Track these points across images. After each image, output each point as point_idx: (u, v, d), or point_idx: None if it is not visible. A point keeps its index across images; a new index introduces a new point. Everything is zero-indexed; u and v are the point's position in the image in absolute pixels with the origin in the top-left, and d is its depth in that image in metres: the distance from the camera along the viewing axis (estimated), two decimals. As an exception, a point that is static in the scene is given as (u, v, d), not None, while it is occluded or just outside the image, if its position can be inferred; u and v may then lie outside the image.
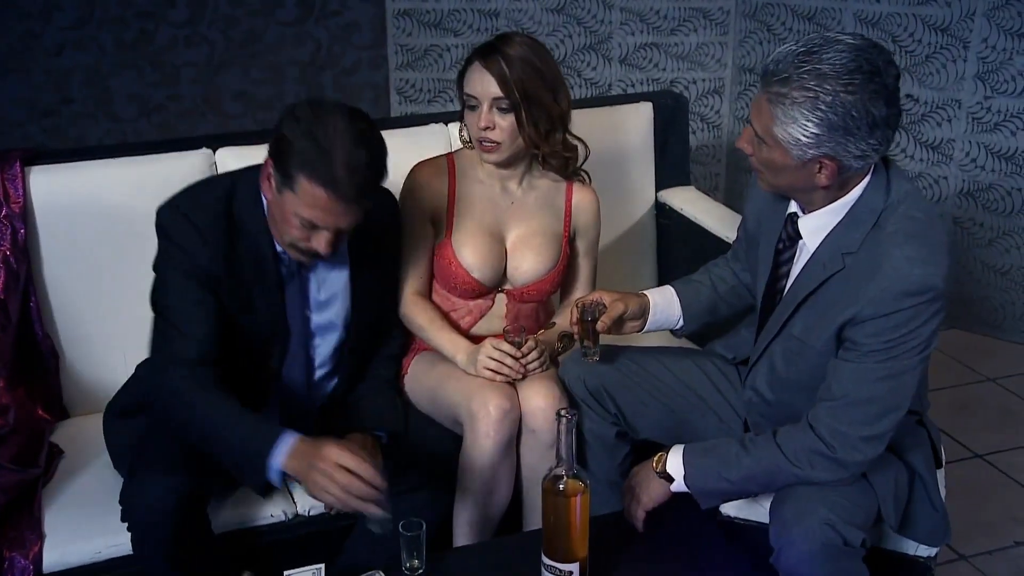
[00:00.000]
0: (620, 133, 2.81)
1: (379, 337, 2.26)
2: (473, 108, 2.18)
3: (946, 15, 3.56)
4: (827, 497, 1.78)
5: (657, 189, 2.88)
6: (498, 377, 2.14)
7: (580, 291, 2.39)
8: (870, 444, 1.78)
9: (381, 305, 2.23)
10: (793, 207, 1.89)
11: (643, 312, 2.11)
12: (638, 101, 2.88)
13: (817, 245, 1.84)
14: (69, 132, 4.13)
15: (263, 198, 1.99)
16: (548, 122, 2.19)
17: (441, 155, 2.34)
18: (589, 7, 4.02)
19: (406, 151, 2.49)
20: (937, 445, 2.00)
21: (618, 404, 2.14)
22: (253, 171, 2.01)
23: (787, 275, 1.92)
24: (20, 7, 3.95)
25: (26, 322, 2.32)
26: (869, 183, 1.79)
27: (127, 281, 2.35)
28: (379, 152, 1.92)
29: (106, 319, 2.39)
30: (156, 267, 2.02)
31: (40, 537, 2.02)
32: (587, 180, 2.36)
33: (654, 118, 2.85)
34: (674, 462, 1.90)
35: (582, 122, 2.56)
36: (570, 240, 2.35)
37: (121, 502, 1.93)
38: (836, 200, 1.81)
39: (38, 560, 1.99)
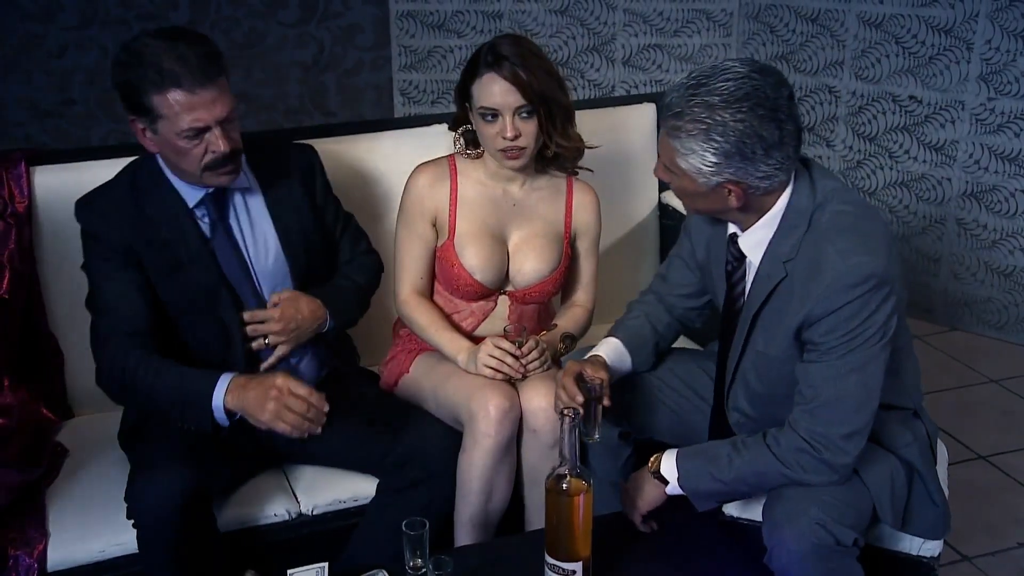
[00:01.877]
0: (623, 134, 2.81)
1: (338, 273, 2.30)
2: (491, 120, 2.15)
3: (949, 16, 3.56)
4: (818, 497, 1.78)
5: (660, 190, 2.87)
6: (498, 376, 2.14)
7: (582, 291, 2.39)
8: (851, 441, 1.79)
9: (322, 248, 2.25)
10: (732, 227, 1.93)
11: (608, 370, 2.08)
12: (641, 102, 2.88)
13: (760, 259, 1.87)
14: (71, 133, 4.14)
15: (159, 162, 2.07)
16: (564, 116, 2.19)
17: (442, 156, 2.34)
18: (592, 9, 4.03)
19: (410, 151, 2.50)
20: (933, 439, 2.01)
21: (620, 405, 2.13)
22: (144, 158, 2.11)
23: (743, 294, 1.95)
24: (22, 8, 3.96)
25: (30, 321, 2.33)
26: (794, 189, 1.83)
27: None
28: (195, 37, 1.96)
29: (110, 318, 2.39)
30: (83, 267, 2.11)
31: (45, 536, 2.02)
32: (577, 172, 2.35)
33: (657, 119, 2.85)
34: (667, 464, 1.90)
35: (585, 123, 2.55)
36: (571, 241, 2.35)
37: (126, 499, 1.94)
38: (764, 214, 1.84)
39: (42, 558, 1.99)
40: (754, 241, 1.87)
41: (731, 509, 2.04)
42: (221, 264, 2.10)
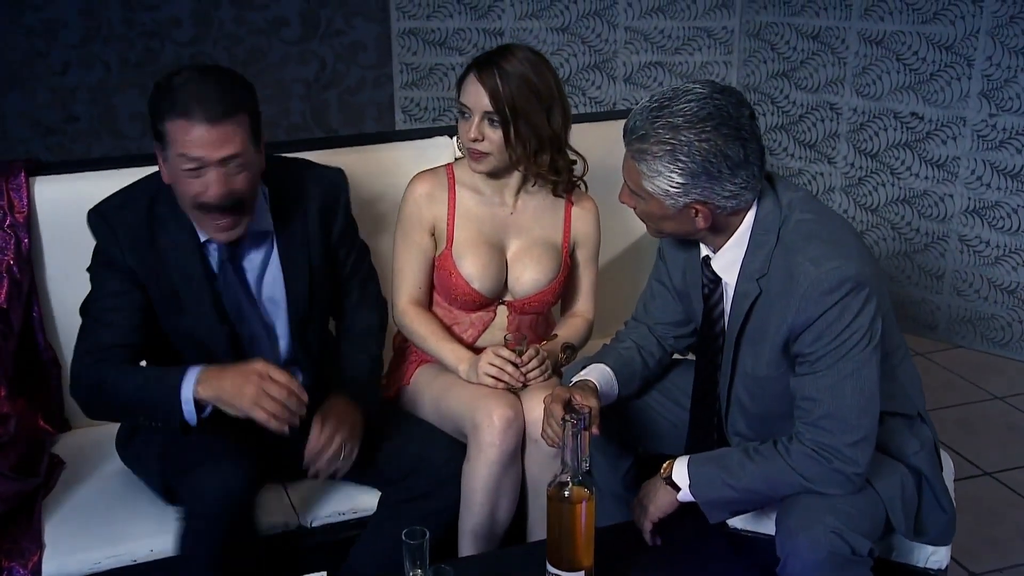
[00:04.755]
0: (623, 147, 2.80)
1: (343, 315, 2.25)
2: (466, 117, 2.19)
3: (950, 33, 3.57)
4: (834, 505, 1.76)
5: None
6: (499, 385, 2.13)
7: (583, 302, 2.38)
8: (858, 448, 1.77)
9: (326, 291, 2.18)
10: (704, 250, 1.92)
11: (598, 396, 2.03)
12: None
13: (735, 279, 1.87)
14: (73, 149, 4.14)
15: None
16: (537, 142, 2.18)
17: (440, 166, 2.34)
18: (594, 26, 4.04)
19: (412, 164, 2.49)
20: (937, 443, 1.99)
21: (621, 416, 2.11)
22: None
23: (722, 316, 1.94)
24: (26, 25, 3.97)
25: (28, 332, 2.31)
26: (760, 205, 1.83)
27: (130, 293, 2.34)
28: (231, 79, 1.93)
29: (108, 330, 2.37)
30: (88, 269, 2.07)
31: (39, 547, 2.00)
32: (584, 189, 2.35)
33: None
34: (679, 470, 1.88)
35: (585, 136, 2.54)
36: (570, 250, 2.34)
37: (180, 494, 1.91)
38: (732, 234, 1.84)
39: (37, 570, 1.97)
40: (727, 261, 1.87)
41: (735, 521, 2.02)
42: (225, 303, 2.05)
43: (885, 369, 1.82)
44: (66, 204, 2.33)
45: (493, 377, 2.13)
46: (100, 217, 2.03)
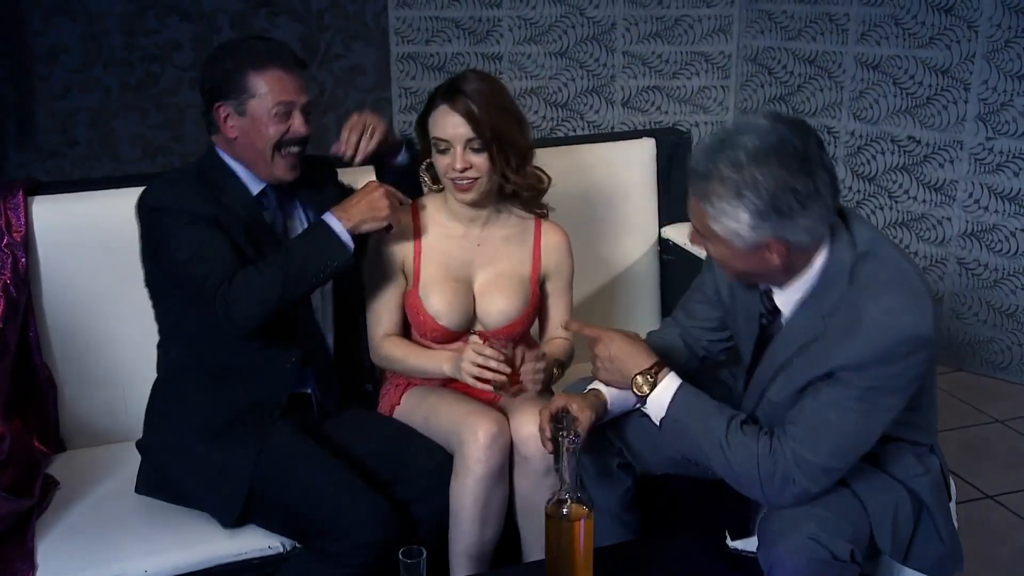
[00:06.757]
0: (622, 169, 2.81)
1: None
2: (444, 151, 2.15)
3: (946, 58, 3.59)
4: (811, 512, 1.74)
5: (660, 224, 2.87)
6: (482, 383, 2.05)
7: (560, 328, 2.32)
8: (828, 475, 1.75)
9: None
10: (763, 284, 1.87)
11: (604, 409, 2.01)
12: (640, 137, 2.88)
13: (793, 312, 1.82)
14: (73, 174, 4.15)
15: (221, 156, 2.15)
16: (519, 156, 2.18)
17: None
18: (592, 51, 4.06)
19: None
20: (946, 475, 1.97)
21: (621, 435, 2.10)
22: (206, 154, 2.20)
23: (772, 344, 1.90)
24: (27, 49, 3.99)
25: (24, 351, 2.30)
26: (833, 241, 1.75)
27: (127, 313, 2.33)
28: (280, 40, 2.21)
29: (105, 351, 2.37)
30: (151, 249, 2.10)
31: (32, 568, 1.98)
32: (547, 213, 2.31)
33: (657, 154, 2.85)
34: (668, 387, 1.85)
35: (584, 158, 2.55)
36: (540, 282, 2.30)
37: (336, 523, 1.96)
38: (806, 272, 1.77)
39: (30, 590, 1.95)
40: (790, 297, 1.81)
41: (737, 543, 2.00)
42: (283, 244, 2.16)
43: (910, 403, 1.78)
44: (64, 224, 2.33)
45: (479, 368, 2.04)
46: (156, 188, 2.10)
